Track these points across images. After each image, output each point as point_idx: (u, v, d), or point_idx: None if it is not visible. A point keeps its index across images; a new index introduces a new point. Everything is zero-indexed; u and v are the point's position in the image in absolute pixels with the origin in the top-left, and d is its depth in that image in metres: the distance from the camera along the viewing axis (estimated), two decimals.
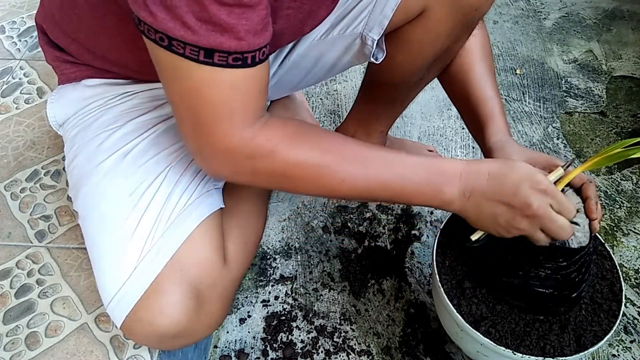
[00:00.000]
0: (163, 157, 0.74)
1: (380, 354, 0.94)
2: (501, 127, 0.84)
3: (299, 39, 0.85)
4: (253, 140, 0.60)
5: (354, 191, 0.67)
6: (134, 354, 0.73)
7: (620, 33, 1.67)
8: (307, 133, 0.66)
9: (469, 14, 0.78)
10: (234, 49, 0.53)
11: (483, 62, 0.90)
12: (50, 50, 0.81)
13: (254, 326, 0.97)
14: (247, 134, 0.60)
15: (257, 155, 0.62)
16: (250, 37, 0.54)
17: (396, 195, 0.68)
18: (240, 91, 0.57)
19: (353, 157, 0.66)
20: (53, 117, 0.84)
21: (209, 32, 0.51)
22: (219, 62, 0.54)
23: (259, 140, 0.61)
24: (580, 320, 0.74)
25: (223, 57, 0.53)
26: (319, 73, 0.91)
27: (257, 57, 0.56)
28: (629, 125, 1.37)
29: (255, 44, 0.55)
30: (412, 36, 0.81)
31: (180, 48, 0.53)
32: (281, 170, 0.64)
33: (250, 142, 0.60)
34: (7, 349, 0.72)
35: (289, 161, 0.63)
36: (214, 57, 0.53)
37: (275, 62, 0.89)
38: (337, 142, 0.68)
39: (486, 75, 0.89)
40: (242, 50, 0.54)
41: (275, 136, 0.62)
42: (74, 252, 0.84)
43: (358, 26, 0.81)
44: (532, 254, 0.70)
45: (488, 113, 0.86)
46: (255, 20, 0.53)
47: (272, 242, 1.10)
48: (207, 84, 0.56)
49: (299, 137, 0.64)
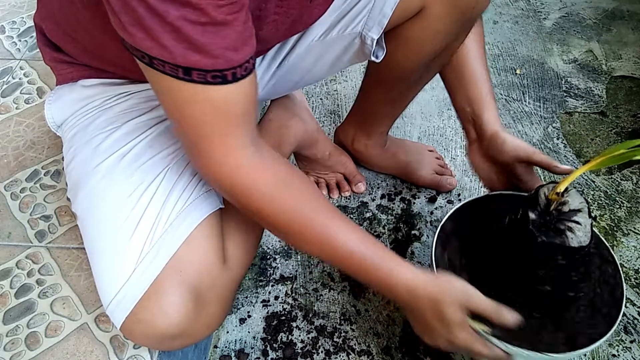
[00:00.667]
0: (161, 158, 0.74)
1: (380, 354, 0.94)
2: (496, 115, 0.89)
3: (298, 40, 0.86)
4: (234, 170, 0.62)
5: (318, 257, 0.75)
6: (134, 354, 0.73)
7: (620, 33, 1.67)
8: (290, 186, 0.67)
9: (467, 12, 0.78)
10: (210, 67, 0.53)
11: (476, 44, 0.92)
12: (48, 50, 0.81)
13: (254, 326, 0.97)
14: (231, 160, 0.61)
15: (235, 187, 0.63)
16: (228, 54, 0.54)
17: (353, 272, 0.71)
18: (221, 109, 0.57)
19: (320, 231, 0.67)
20: (51, 117, 0.84)
21: (185, 50, 0.52)
22: (198, 79, 0.54)
23: (242, 176, 0.62)
24: (577, 321, 0.74)
25: (201, 75, 0.54)
26: (319, 72, 0.91)
27: (238, 73, 0.55)
28: (629, 125, 1.37)
29: (234, 61, 0.54)
30: (411, 34, 0.81)
31: (161, 65, 0.53)
32: (252, 209, 0.66)
33: (231, 171, 0.62)
34: (7, 349, 0.72)
35: (262, 206, 0.65)
36: (192, 74, 0.53)
37: (274, 63, 0.89)
38: (315, 205, 0.68)
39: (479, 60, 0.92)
40: (220, 68, 0.54)
41: (261, 180, 0.63)
42: (74, 252, 0.84)
43: (357, 26, 0.81)
44: (532, 252, 0.70)
45: (483, 98, 0.89)
46: (232, 37, 0.53)
47: (272, 242, 1.10)
48: (188, 100, 0.56)
49: (282, 188, 0.65)
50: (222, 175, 0.63)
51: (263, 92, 0.96)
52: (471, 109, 0.91)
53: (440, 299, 0.67)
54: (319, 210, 0.68)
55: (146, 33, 0.51)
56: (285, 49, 0.87)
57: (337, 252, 0.68)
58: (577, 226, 0.69)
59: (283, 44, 0.87)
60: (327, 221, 0.68)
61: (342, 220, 0.69)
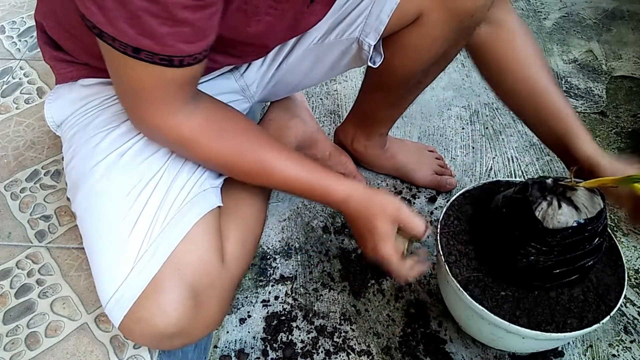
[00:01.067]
0: (159, 157, 0.74)
1: (380, 354, 0.94)
2: (588, 137, 0.83)
3: (296, 43, 0.86)
4: (177, 128, 0.66)
5: (259, 184, 0.78)
6: (134, 354, 0.73)
7: (620, 33, 1.67)
8: (227, 128, 0.71)
9: (466, 20, 0.78)
10: (159, 52, 0.55)
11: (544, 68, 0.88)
12: (48, 49, 0.81)
13: (254, 326, 0.97)
14: (172, 122, 0.65)
15: (181, 142, 0.69)
16: (180, 45, 0.55)
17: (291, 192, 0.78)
18: (165, 86, 0.61)
19: (265, 158, 0.73)
20: (51, 117, 0.84)
21: (137, 35, 0.53)
22: (145, 58, 0.56)
23: (183, 130, 0.67)
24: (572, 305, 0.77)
25: (149, 56, 0.56)
26: (317, 75, 0.91)
27: (185, 61, 0.58)
28: (629, 125, 1.37)
29: (184, 51, 0.56)
30: (409, 41, 0.81)
31: (110, 40, 0.55)
32: (202, 157, 0.72)
33: (174, 130, 0.66)
34: (7, 349, 0.72)
35: (208, 153, 0.71)
36: (140, 54, 0.55)
37: (272, 65, 0.89)
38: (255, 141, 0.73)
39: (552, 82, 0.88)
40: (169, 54, 0.56)
41: (197, 129, 0.68)
42: (74, 252, 0.84)
43: (354, 31, 0.81)
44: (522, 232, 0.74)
45: (570, 126, 0.84)
46: (189, 33, 0.55)
47: (272, 242, 1.10)
48: (134, 73, 0.59)
49: (219, 131, 0.70)
50: (166, 134, 0.67)
51: (263, 94, 0.96)
52: (560, 144, 0.86)
53: (371, 209, 0.73)
54: (254, 145, 0.73)
55: (101, 10, 0.52)
56: (284, 51, 0.87)
57: (275, 179, 0.74)
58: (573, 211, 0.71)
59: (281, 47, 0.87)
60: (261, 153, 0.73)
61: (277, 151, 0.74)
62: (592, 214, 0.72)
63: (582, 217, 0.71)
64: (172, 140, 0.69)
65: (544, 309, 0.76)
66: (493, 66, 0.90)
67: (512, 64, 0.88)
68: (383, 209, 0.73)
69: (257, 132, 0.75)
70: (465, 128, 1.34)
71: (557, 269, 0.74)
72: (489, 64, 0.90)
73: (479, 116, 1.38)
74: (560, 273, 0.74)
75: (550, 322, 0.75)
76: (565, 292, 0.77)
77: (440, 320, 0.97)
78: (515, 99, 0.91)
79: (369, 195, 0.75)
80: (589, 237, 0.72)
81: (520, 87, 0.88)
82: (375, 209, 0.73)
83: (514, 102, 0.93)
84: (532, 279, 0.76)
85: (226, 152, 0.71)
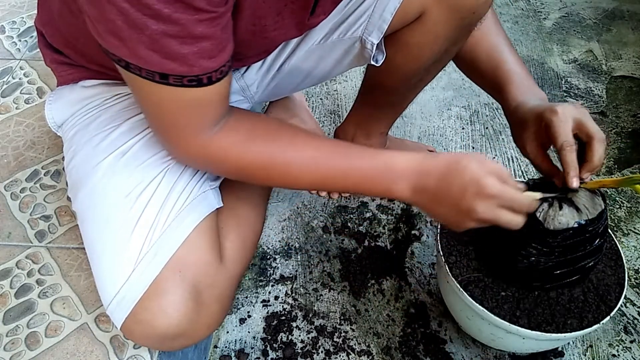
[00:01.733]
0: (160, 158, 0.74)
1: (380, 354, 0.94)
2: (514, 94, 0.82)
3: (298, 44, 0.86)
4: (208, 147, 0.65)
5: (306, 185, 0.73)
6: (134, 354, 0.73)
7: (620, 33, 1.67)
8: (258, 135, 0.68)
9: (467, 17, 0.78)
10: (186, 73, 0.55)
11: (490, 31, 0.89)
12: (48, 52, 0.81)
13: (254, 326, 0.97)
14: (202, 140, 0.64)
15: (212, 159, 0.67)
16: (203, 62, 0.55)
17: (348, 189, 0.72)
18: (197, 107, 0.60)
19: (302, 155, 0.69)
20: (52, 118, 0.84)
21: (161, 59, 0.53)
22: (174, 83, 0.56)
23: (213, 148, 0.65)
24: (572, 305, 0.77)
25: (178, 79, 0.55)
26: (319, 75, 0.91)
27: (213, 77, 0.57)
28: (629, 125, 1.37)
29: (209, 67, 0.56)
30: (411, 39, 0.81)
31: (137, 70, 0.55)
32: (235, 169, 0.69)
33: (206, 148, 0.65)
34: (7, 349, 0.72)
35: (240, 164, 0.68)
36: (168, 79, 0.55)
37: (274, 66, 0.89)
38: (287, 139, 0.70)
39: (495, 42, 0.88)
40: (195, 74, 0.56)
41: (227, 143, 0.66)
42: (74, 252, 0.84)
43: (357, 30, 0.81)
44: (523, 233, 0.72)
45: (499, 82, 0.85)
46: (209, 47, 0.55)
47: (272, 242, 1.10)
48: (166, 99, 0.58)
49: (250, 141, 0.67)
50: (197, 153, 0.66)
51: (263, 94, 0.96)
52: (492, 91, 0.88)
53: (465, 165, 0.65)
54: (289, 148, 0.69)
55: (122, 42, 0.52)
56: (286, 52, 0.87)
57: (326, 176, 0.69)
58: (572, 212, 0.71)
59: (283, 47, 0.87)
60: (309, 140, 0.69)
61: (316, 147, 0.69)
62: (593, 215, 0.72)
63: (583, 218, 0.71)
64: (204, 161, 0.68)
65: (544, 310, 0.76)
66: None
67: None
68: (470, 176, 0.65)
69: (291, 132, 0.71)
70: (465, 128, 1.34)
71: (558, 269, 0.74)
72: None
73: (479, 116, 1.38)
74: (561, 274, 0.74)
75: (551, 323, 0.75)
76: (566, 293, 0.77)
77: (440, 320, 0.98)
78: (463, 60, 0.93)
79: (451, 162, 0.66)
80: (590, 238, 0.72)
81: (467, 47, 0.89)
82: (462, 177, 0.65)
83: (462, 64, 0.94)
84: (533, 280, 0.76)
85: (259, 158, 0.68)
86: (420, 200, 0.68)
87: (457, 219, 0.67)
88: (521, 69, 0.85)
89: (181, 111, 0.60)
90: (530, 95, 0.81)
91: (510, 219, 0.66)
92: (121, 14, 0.49)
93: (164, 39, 0.51)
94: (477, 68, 0.90)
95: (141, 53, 0.52)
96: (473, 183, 0.64)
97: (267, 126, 0.71)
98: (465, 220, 0.66)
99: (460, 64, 0.95)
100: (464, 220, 0.66)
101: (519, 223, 0.67)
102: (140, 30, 0.50)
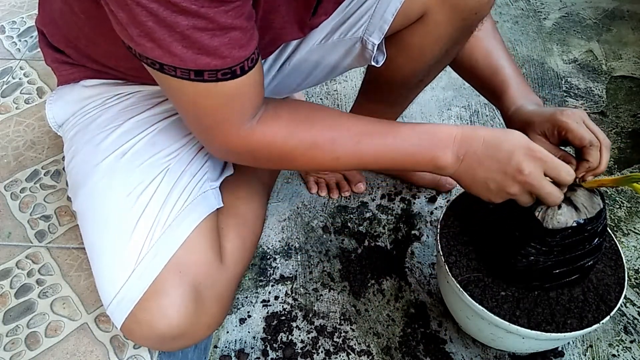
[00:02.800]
0: (161, 158, 0.74)
1: (380, 354, 0.94)
2: (512, 98, 0.84)
3: (299, 44, 0.86)
4: (251, 137, 0.65)
5: (350, 165, 0.72)
6: (134, 354, 0.73)
7: (620, 33, 1.67)
8: (300, 119, 0.69)
9: (469, 18, 0.78)
10: (220, 66, 0.56)
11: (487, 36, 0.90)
12: (49, 52, 0.81)
13: (254, 326, 0.97)
14: (244, 131, 0.64)
15: (256, 148, 0.67)
16: (235, 52, 0.56)
17: (392, 166, 0.72)
18: (234, 99, 0.61)
19: (346, 135, 0.69)
20: (52, 117, 0.84)
21: (195, 55, 0.54)
22: (209, 79, 0.56)
23: (256, 137, 0.66)
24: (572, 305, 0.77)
25: (212, 74, 0.56)
26: (319, 76, 0.91)
27: (245, 66, 0.58)
28: (629, 125, 1.37)
29: (241, 57, 0.57)
30: (413, 40, 0.81)
31: (172, 71, 0.55)
32: (278, 156, 0.69)
33: (248, 138, 0.65)
34: (7, 349, 0.72)
35: (284, 150, 0.68)
36: (204, 75, 0.56)
37: (274, 66, 0.89)
38: (329, 122, 0.70)
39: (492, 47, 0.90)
40: (229, 66, 0.56)
41: (270, 130, 0.66)
42: (74, 252, 0.84)
43: (358, 31, 0.81)
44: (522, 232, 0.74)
45: (497, 87, 0.87)
46: (239, 36, 0.55)
47: (272, 242, 1.10)
48: (202, 97, 0.59)
49: (293, 125, 0.68)
50: (240, 145, 0.66)
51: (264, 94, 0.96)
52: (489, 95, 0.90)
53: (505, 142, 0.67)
54: (333, 129, 0.69)
55: (156, 43, 0.53)
56: (287, 52, 0.87)
57: (372, 154, 0.69)
58: (572, 210, 0.71)
59: (284, 47, 0.87)
60: (350, 119, 0.70)
61: (360, 126, 0.70)
62: (591, 214, 0.72)
63: (582, 217, 0.71)
64: (247, 151, 0.67)
65: (544, 309, 0.76)
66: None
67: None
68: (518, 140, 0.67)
69: (333, 114, 0.72)
70: None
71: (557, 269, 0.74)
72: None
73: (479, 116, 1.38)
74: (560, 273, 0.74)
75: (550, 322, 0.75)
76: (565, 292, 0.77)
77: (440, 320, 0.98)
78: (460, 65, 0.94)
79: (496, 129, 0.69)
80: (589, 237, 0.73)
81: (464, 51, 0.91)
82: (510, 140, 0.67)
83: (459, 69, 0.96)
84: (532, 279, 0.76)
85: (305, 142, 0.68)
86: (463, 168, 0.70)
87: (500, 184, 0.68)
88: (518, 74, 0.87)
89: (219, 107, 0.61)
90: (528, 100, 0.83)
91: (551, 190, 0.67)
92: (151, 15, 0.50)
93: (196, 33, 0.52)
94: (475, 73, 0.92)
95: (175, 51, 0.53)
96: (522, 145, 0.67)
97: (308, 110, 0.72)
98: (508, 183, 0.67)
99: (458, 67, 0.96)
100: (507, 183, 0.68)
101: (558, 198, 0.68)
102: (171, 28, 0.51)
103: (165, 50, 0.53)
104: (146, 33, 0.52)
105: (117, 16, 0.52)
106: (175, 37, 0.52)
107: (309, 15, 0.71)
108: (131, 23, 0.52)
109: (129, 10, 0.50)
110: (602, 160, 0.72)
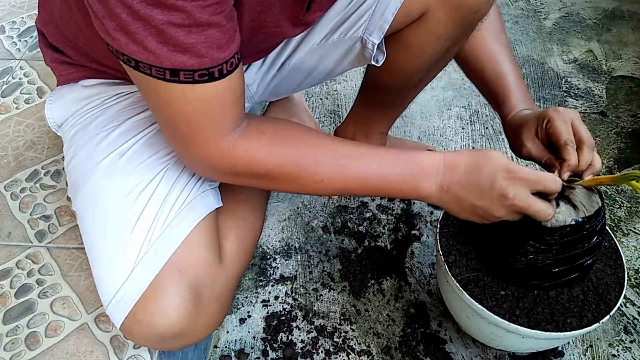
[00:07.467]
0: (159, 157, 0.74)
1: (380, 354, 0.94)
2: (512, 106, 0.86)
3: (299, 44, 0.86)
4: (231, 150, 0.63)
5: (334, 188, 0.70)
6: (134, 354, 0.73)
7: (620, 33, 1.67)
8: (285, 138, 0.67)
9: (469, 17, 0.78)
10: (197, 66, 0.54)
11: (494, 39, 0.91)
12: (49, 52, 0.81)
13: (254, 326, 0.97)
14: (225, 144, 0.62)
15: (237, 164, 0.64)
16: (213, 53, 0.54)
17: (374, 192, 0.71)
18: (212, 104, 0.59)
19: (330, 158, 0.68)
20: (52, 118, 0.84)
21: (170, 52, 0.52)
22: (185, 79, 0.55)
23: (238, 151, 0.63)
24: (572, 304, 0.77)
25: (188, 74, 0.54)
26: (319, 76, 0.91)
27: (224, 69, 0.56)
28: (629, 125, 1.37)
29: (219, 58, 0.55)
30: (413, 39, 0.81)
31: (147, 69, 0.54)
32: (260, 174, 0.67)
33: (229, 152, 0.63)
34: (7, 349, 0.72)
35: (267, 167, 0.66)
36: (179, 75, 0.54)
37: (274, 66, 0.89)
38: (314, 143, 0.69)
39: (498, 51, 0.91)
40: (206, 66, 0.55)
41: (253, 146, 0.64)
42: (74, 252, 0.84)
43: (358, 30, 0.81)
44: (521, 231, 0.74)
45: (500, 93, 0.88)
46: (217, 35, 0.54)
47: (272, 242, 1.10)
48: (178, 100, 0.57)
49: (277, 143, 0.66)
50: (220, 159, 0.64)
51: (264, 94, 0.96)
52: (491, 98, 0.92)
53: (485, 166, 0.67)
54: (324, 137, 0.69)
55: (130, 37, 0.52)
56: (287, 52, 0.87)
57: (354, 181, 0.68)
58: (570, 209, 0.72)
59: (284, 47, 0.87)
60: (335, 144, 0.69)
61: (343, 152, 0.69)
62: (590, 212, 0.72)
63: (580, 216, 0.71)
64: (227, 166, 0.65)
65: (543, 308, 0.76)
66: None
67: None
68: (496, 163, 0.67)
69: (317, 136, 0.70)
70: (465, 128, 1.35)
71: (556, 267, 0.74)
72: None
73: (479, 116, 1.38)
74: (559, 272, 0.75)
75: (550, 322, 0.75)
76: (565, 292, 0.77)
77: (440, 320, 0.98)
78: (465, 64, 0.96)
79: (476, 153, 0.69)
80: (588, 236, 0.73)
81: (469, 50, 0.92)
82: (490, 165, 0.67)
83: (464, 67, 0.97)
84: (531, 278, 0.76)
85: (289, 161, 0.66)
86: (447, 197, 0.69)
87: (487, 211, 0.68)
88: (520, 81, 0.89)
89: (196, 113, 0.59)
90: (527, 107, 0.86)
91: (539, 208, 0.67)
92: (125, 7, 0.49)
93: (171, 28, 0.51)
94: (480, 75, 0.93)
95: (150, 46, 0.52)
96: (501, 168, 0.66)
97: (293, 129, 0.70)
98: (495, 209, 0.67)
99: (463, 66, 0.97)
100: (494, 209, 0.67)
101: (548, 214, 0.68)
102: (145, 21, 0.50)
103: (140, 46, 0.52)
104: (121, 26, 0.51)
105: (93, 9, 0.52)
106: (150, 31, 0.51)
107: (302, 12, 0.71)
108: (107, 15, 0.51)
109: (105, 2, 0.50)
110: (582, 159, 0.71)
